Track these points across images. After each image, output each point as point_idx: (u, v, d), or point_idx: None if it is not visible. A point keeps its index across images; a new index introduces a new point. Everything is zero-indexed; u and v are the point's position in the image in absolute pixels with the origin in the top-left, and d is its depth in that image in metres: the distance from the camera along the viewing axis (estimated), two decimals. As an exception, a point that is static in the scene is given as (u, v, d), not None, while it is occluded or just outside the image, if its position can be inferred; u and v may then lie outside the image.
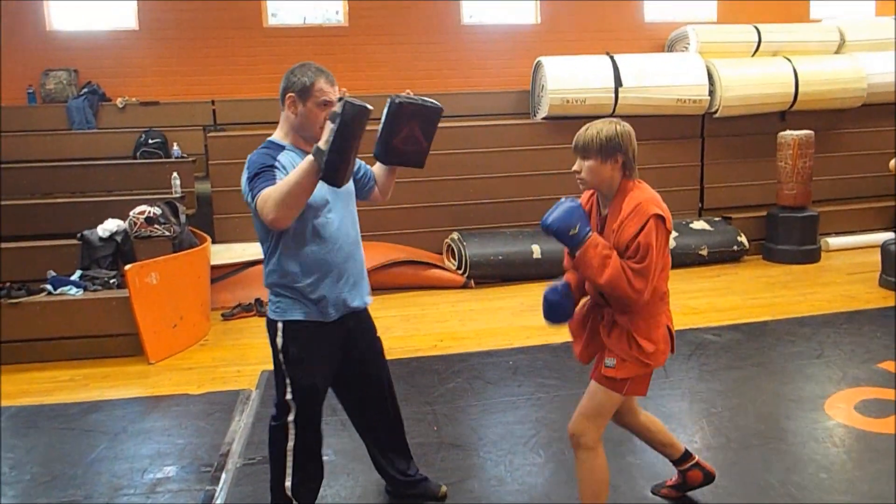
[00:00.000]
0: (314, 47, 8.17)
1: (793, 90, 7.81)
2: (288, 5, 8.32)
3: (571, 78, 7.56)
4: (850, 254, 7.49)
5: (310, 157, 2.16)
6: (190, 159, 7.01)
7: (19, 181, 6.66)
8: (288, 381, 2.50)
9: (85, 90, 7.60)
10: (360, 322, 2.67)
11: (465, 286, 6.75)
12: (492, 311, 5.95)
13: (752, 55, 8.17)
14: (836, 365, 4.32)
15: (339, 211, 2.50)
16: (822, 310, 5.52)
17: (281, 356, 2.50)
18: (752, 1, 9.01)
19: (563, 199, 2.38)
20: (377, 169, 2.79)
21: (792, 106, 7.93)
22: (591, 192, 2.49)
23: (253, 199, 2.27)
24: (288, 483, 2.56)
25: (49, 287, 5.10)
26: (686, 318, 5.32)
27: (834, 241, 7.63)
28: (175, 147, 7.10)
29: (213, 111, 7.85)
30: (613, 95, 7.54)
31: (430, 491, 2.92)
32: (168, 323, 5.11)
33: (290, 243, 2.42)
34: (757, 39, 8.09)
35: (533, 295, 6.36)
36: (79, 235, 5.60)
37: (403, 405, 3.87)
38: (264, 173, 2.30)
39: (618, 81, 7.58)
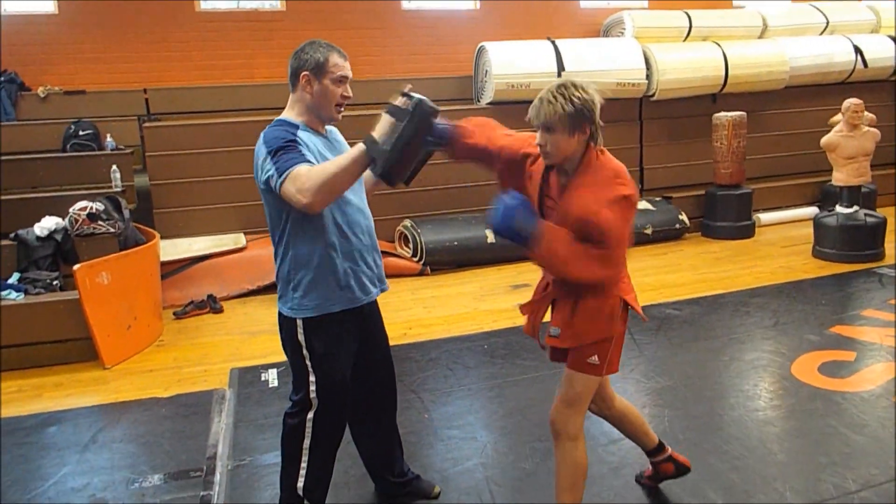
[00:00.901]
0: (250, 32, 7.89)
1: (723, 73, 8.16)
2: (220, -12, 7.98)
3: (515, 63, 7.61)
4: (781, 228, 7.94)
5: (361, 147, 2.07)
6: (128, 151, 6.62)
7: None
8: (313, 377, 2.37)
9: (2, 79, 7.02)
10: (373, 310, 2.57)
11: (421, 273, 6.72)
12: (453, 297, 5.95)
13: (684, 40, 8.47)
14: (792, 332, 4.57)
15: (357, 190, 2.40)
16: (767, 281, 5.83)
17: (305, 351, 2.36)
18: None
19: (500, 198, 2.15)
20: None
21: (722, 89, 8.29)
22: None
23: (280, 175, 2.09)
24: (300, 483, 2.46)
25: (-15, 292, 4.71)
26: (644, 294, 5.48)
27: (765, 217, 8.06)
28: (109, 139, 6.68)
29: (146, 100, 7.44)
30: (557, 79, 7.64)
31: (422, 490, 2.83)
32: (122, 324, 4.83)
33: (309, 227, 2.27)
34: (688, 25, 8.40)
35: (490, 279, 6.46)
36: (12, 235, 5.21)
37: (390, 394, 3.89)
38: (288, 149, 2.15)
39: (560, 66, 7.69)
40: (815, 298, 5.26)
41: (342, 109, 2.37)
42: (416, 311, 5.60)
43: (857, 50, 8.72)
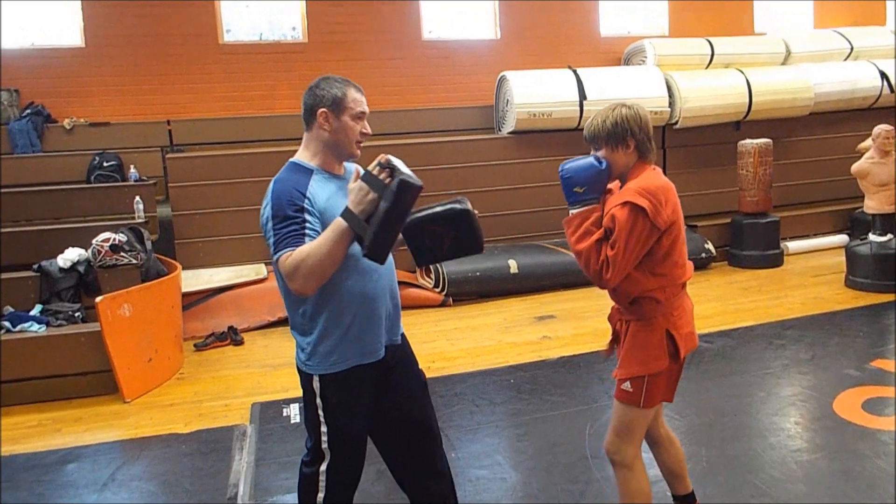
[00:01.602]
0: (273, 64, 7.94)
1: (747, 100, 8.08)
2: (242, 21, 8.06)
3: (536, 92, 7.60)
4: (809, 257, 7.76)
5: (342, 224, 2.00)
6: (151, 182, 6.64)
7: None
8: (325, 428, 2.23)
9: (28, 111, 7.12)
10: (402, 354, 2.38)
11: (443, 304, 6.63)
12: (477, 329, 5.85)
13: (706, 67, 8.42)
14: (831, 366, 4.41)
15: None
16: (799, 312, 5.66)
17: (319, 401, 2.22)
18: (701, 12, 9.29)
19: (593, 156, 2.28)
20: None
21: (746, 116, 8.21)
22: None
23: (275, 252, 2.04)
24: None
25: (7, 324, 4.69)
26: (673, 326, 5.35)
27: (793, 245, 7.89)
28: (132, 170, 6.71)
29: (169, 131, 7.50)
30: (578, 108, 7.62)
31: None
32: (143, 357, 4.78)
33: (329, 279, 2.09)
34: (710, 52, 8.35)
35: (514, 310, 6.36)
36: (36, 266, 5.21)
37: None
38: (292, 224, 2.04)
39: (582, 95, 7.67)
40: (852, 330, 5.09)
41: (362, 145, 2.25)
42: (440, 343, 5.50)
43: (883, 75, 8.61)
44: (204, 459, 3.63)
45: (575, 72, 7.80)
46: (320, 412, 2.23)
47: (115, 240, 5.28)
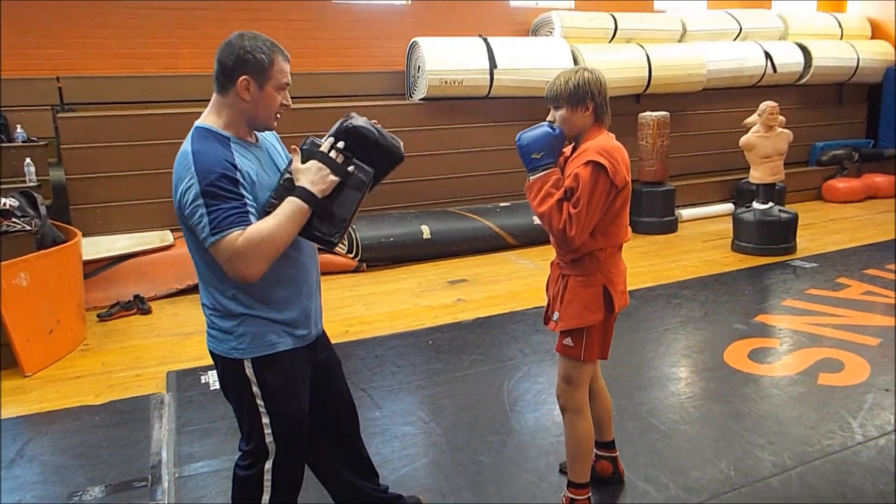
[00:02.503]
0: (175, 20, 7.53)
1: (647, 74, 8.48)
2: (139, -26, 7.58)
3: (448, 59, 7.64)
4: (700, 223, 8.33)
5: (302, 206, 1.90)
6: (42, 143, 6.20)
7: None
8: (267, 419, 2.06)
9: None
10: (324, 338, 2.32)
11: (356, 270, 6.65)
12: (392, 294, 5.92)
13: (610, 41, 8.74)
14: (721, 321, 4.81)
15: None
16: (692, 274, 6.11)
17: (256, 389, 2.04)
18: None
19: (546, 124, 2.40)
20: None
21: (646, 89, 8.62)
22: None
23: (213, 234, 1.83)
24: None
25: None
26: (580, 288, 5.64)
27: (686, 213, 8.43)
28: (19, 129, 6.23)
29: (59, 89, 6.99)
30: (489, 77, 7.73)
31: None
32: (43, 329, 4.53)
33: None
34: (614, 27, 8.68)
35: (428, 275, 6.47)
36: (-85, 234, 4.78)
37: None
38: (232, 201, 1.85)
39: (493, 63, 7.77)
40: (739, 289, 5.56)
41: (279, 117, 2.06)
42: (356, 308, 5.54)
43: (768, 55, 9.26)
44: (120, 430, 3.53)
45: (486, 40, 7.90)
46: (259, 402, 2.05)
47: (5, 204, 4.93)
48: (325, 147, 1.99)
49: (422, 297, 5.76)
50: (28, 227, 4.97)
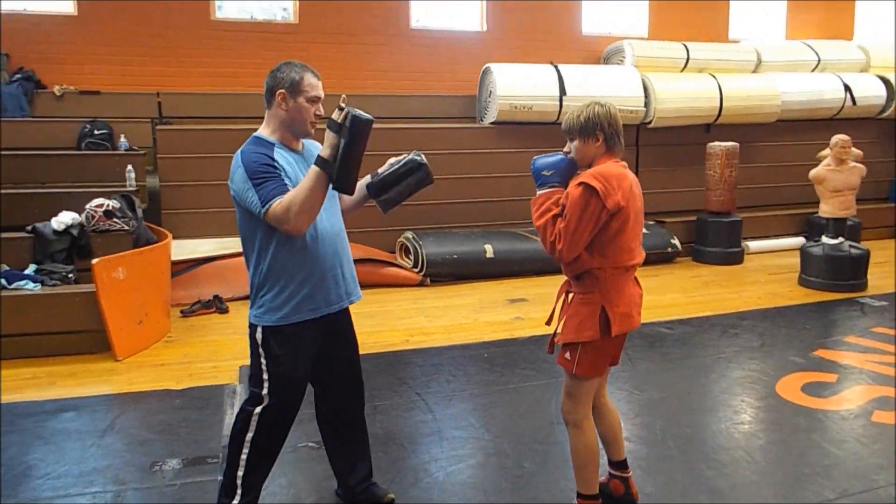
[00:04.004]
0: (262, 43, 8.10)
1: (718, 104, 8.49)
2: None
3: (519, 85, 7.89)
4: (768, 256, 8.22)
5: (315, 168, 2.29)
6: (142, 152, 6.79)
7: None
8: (266, 376, 2.51)
9: (18, 76, 7.20)
10: (345, 318, 2.70)
11: (420, 284, 6.91)
12: (453, 308, 6.15)
13: (681, 70, 8.80)
14: (778, 353, 4.80)
15: (327, 207, 2.51)
16: (753, 306, 6.07)
17: (261, 350, 2.51)
18: (679, 16, 9.67)
19: (561, 153, 2.59)
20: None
21: (716, 119, 8.62)
22: None
23: (264, 205, 2.30)
24: (240, 472, 2.58)
25: (3, 281, 4.85)
26: (637, 313, 5.71)
27: (753, 245, 8.34)
28: (122, 139, 6.85)
29: (159, 103, 7.64)
30: (558, 103, 7.93)
31: (376, 496, 2.86)
32: (134, 319, 4.98)
33: (282, 241, 2.42)
34: (686, 56, 8.74)
35: (489, 292, 6.67)
36: (30, 228, 5.36)
37: (394, 396, 4.08)
38: (272, 178, 2.33)
39: (562, 90, 7.98)
40: (800, 323, 5.50)
41: (315, 126, 2.50)
42: (418, 319, 5.79)
43: (847, 87, 9.09)
44: (197, 413, 3.88)
45: (556, 68, 8.11)
46: (262, 361, 2.51)
47: (108, 206, 5.46)
48: (334, 114, 2.32)
49: (481, 313, 5.96)
50: (126, 227, 5.50)
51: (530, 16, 9.05)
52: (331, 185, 2.34)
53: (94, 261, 4.73)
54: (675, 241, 7.95)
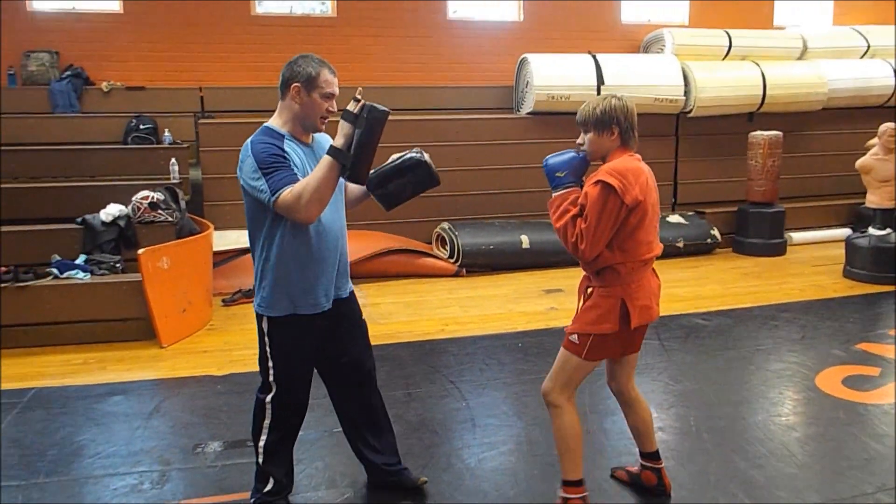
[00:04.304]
0: (302, 37, 8.20)
1: (761, 93, 8.29)
2: (274, -7, 8.33)
3: (556, 75, 7.84)
4: (812, 248, 8.02)
5: (327, 157, 2.30)
6: (185, 146, 6.98)
7: (4, 165, 6.47)
8: (271, 364, 2.60)
9: (68, 73, 7.45)
10: (347, 307, 2.73)
11: (456, 274, 6.96)
12: (488, 298, 6.18)
13: (723, 59, 8.61)
14: (819, 346, 4.71)
15: (333, 201, 2.52)
16: (796, 297, 5.95)
17: (266, 339, 2.58)
18: (721, 3, 9.45)
19: (572, 150, 2.58)
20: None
21: (759, 108, 8.42)
22: None
23: (273, 194, 2.30)
24: (260, 460, 2.70)
25: (55, 271, 5.06)
26: (674, 304, 5.66)
27: (797, 236, 8.15)
28: (167, 133, 7.05)
29: (201, 98, 7.81)
30: (596, 93, 7.84)
31: (408, 481, 2.92)
32: (178, 307, 5.14)
33: (286, 233, 2.44)
34: (728, 44, 8.55)
35: (524, 283, 6.68)
36: (80, 220, 5.56)
37: (428, 384, 4.14)
38: (280, 167, 2.33)
39: (600, 80, 7.90)
40: (844, 316, 5.38)
41: (326, 121, 2.50)
42: (453, 309, 5.84)
43: (897, 74, 8.78)
44: (238, 398, 3.99)
45: (594, 57, 8.03)
46: (267, 349, 2.59)
47: (153, 198, 5.64)
48: (349, 105, 2.35)
49: (516, 304, 5.98)
50: (170, 219, 5.66)
51: (568, 5, 8.96)
52: (344, 177, 2.36)
53: (140, 251, 4.90)
54: (715, 232, 7.82)
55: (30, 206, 5.95)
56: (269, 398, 2.63)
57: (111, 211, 5.56)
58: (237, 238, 6.81)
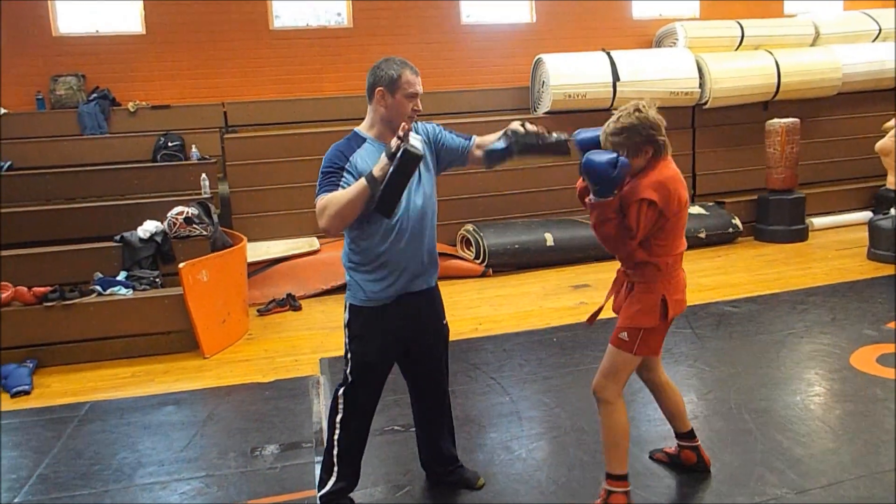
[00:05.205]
0: (320, 48, 8.37)
1: (775, 81, 8.34)
2: (290, 7, 8.48)
3: (572, 74, 7.94)
4: (834, 232, 8.06)
5: (363, 182, 2.42)
6: (213, 161, 7.15)
7: (38, 187, 6.67)
8: (349, 355, 2.71)
9: (95, 95, 7.65)
10: (429, 303, 2.80)
11: (483, 275, 7.06)
12: (518, 296, 6.28)
13: (736, 49, 8.68)
14: (850, 327, 4.77)
15: (418, 190, 2.62)
16: (822, 281, 6.01)
17: (346, 330, 2.72)
18: (731, -3, 9.53)
19: (616, 155, 2.47)
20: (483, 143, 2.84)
21: (775, 96, 8.47)
22: None
23: (316, 195, 2.52)
24: (335, 452, 2.76)
25: (98, 288, 5.22)
26: (702, 293, 5.74)
27: (818, 221, 8.18)
28: (194, 149, 7.22)
29: (224, 113, 7.98)
30: (612, 90, 7.94)
31: (466, 480, 2.99)
32: (217, 319, 5.29)
33: (363, 225, 2.57)
34: (740, 34, 8.61)
35: (551, 280, 6.78)
36: (118, 237, 5.73)
37: (469, 380, 4.25)
38: (332, 176, 2.51)
39: (615, 76, 7.99)
40: (872, 297, 5.43)
41: (414, 119, 2.63)
42: (484, 308, 5.94)
43: (911, 55, 8.79)
44: (286, 402, 4.13)
45: (608, 54, 8.12)
46: (346, 340, 2.73)
47: (187, 213, 5.79)
48: (393, 140, 2.45)
49: (546, 300, 6.08)
50: (205, 233, 5.81)
51: (579, 4, 9.06)
52: (371, 209, 2.47)
53: (181, 265, 5.05)
54: (737, 221, 7.88)
55: (68, 227, 6.11)
56: (341, 391, 2.73)
57: (148, 227, 5.72)
58: (267, 249, 6.97)
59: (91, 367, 4.99)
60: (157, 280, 5.53)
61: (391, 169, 2.39)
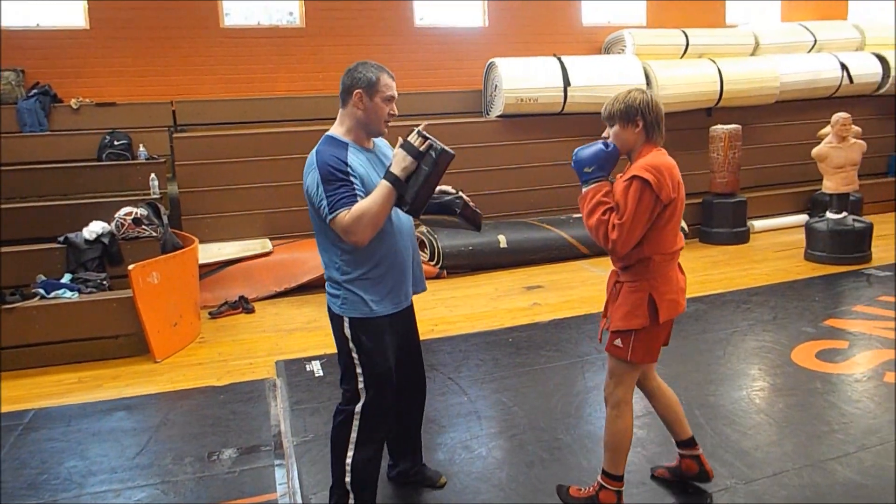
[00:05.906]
0: (272, 48, 8.28)
1: (718, 88, 8.66)
2: (240, 6, 8.36)
3: (524, 78, 8.07)
4: (774, 234, 8.41)
5: (387, 185, 2.39)
6: (161, 161, 6.98)
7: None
8: (360, 370, 2.56)
9: (35, 91, 7.38)
10: (411, 311, 2.81)
11: (437, 276, 7.10)
12: (471, 298, 6.34)
13: (681, 57, 8.97)
14: (790, 325, 5.00)
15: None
16: (763, 281, 6.27)
17: (352, 345, 2.56)
18: (676, 3, 9.84)
19: (600, 142, 2.56)
20: None
21: (717, 103, 8.79)
22: None
23: (332, 211, 2.37)
24: (348, 479, 2.63)
25: (41, 291, 5.04)
26: (651, 294, 5.90)
27: (759, 224, 8.52)
28: (142, 148, 7.04)
29: (173, 112, 7.82)
30: (563, 94, 8.10)
31: (429, 478, 3.03)
32: (169, 322, 5.17)
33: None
34: (685, 43, 8.92)
35: (504, 281, 6.86)
36: (62, 238, 5.54)
37: (427, 381, 4.22)
38: (343, 185, 2.39)
39: (566, 81, 8.15)
40: (810, 296, 5.70)
41: (389, 124, 2.59)
42: (440, 310, 5.98)
43: (844, 66, 9.26)
44: (243, 406, 4.07)
45: (560, 59, 8.28)
46: (354, 355, 2.56)
47: (136, 214, 5.65)
48: (411, 137, 2.45)
49: (500, 301, 6.16)
50: (154, 234, 5.69)
51: (530, 9, 9.22)
52: (404, 210, 2.45)
53: (131, 267, 4.92)
54: (682, 224, 8.13)
55: (8, 228, 5.88)
56: (357, 408, 2.58)
57: (94, 228, 5.55)
58: (219, 250, 6.85)
59: (35, 373, 4.81)
60: (105, 283, 5.38)
61: (428, 169, 2.37)
